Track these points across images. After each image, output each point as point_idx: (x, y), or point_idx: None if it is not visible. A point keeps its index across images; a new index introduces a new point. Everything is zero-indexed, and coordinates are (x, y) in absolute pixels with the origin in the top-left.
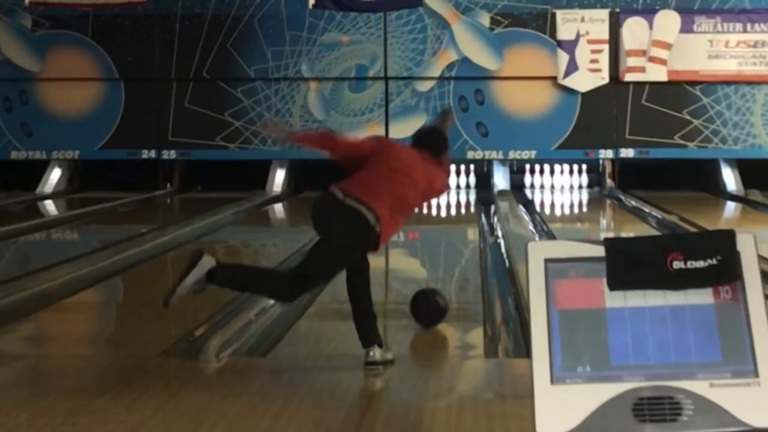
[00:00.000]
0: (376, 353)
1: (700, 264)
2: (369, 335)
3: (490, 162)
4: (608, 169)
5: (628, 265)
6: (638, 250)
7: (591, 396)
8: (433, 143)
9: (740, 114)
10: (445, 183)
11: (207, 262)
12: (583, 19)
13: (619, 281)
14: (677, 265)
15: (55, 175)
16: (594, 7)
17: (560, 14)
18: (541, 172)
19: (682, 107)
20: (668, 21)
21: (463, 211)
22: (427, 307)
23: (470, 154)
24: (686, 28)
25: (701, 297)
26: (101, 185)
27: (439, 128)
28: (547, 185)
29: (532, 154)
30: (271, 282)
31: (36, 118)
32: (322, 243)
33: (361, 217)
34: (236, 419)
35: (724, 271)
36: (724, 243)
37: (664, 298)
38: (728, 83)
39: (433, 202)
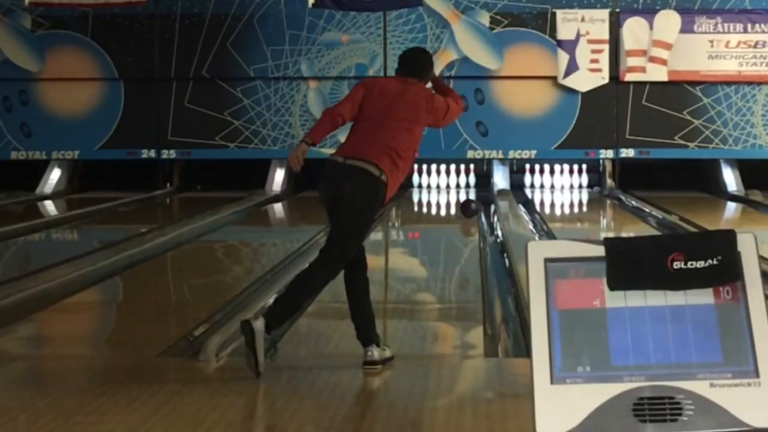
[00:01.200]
0: (375, 352)
1: (701, 264)
2: (368, 334)
3: (489, 161)
4: (608, 169)
5: (629, 265)
6: (638, 251)
7: (591, 396)
8: (412, 67)
9: (741, 114)
10: (442, 102)
11: (259, 326)
12: (583, 19)
13: (619, 281)
14: (677, 265)
15: (54, 175)
16: (594, 6)
17: (560, 14)
18: (541, 171)
19: (683, 107)
20: (668, 21)
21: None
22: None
23: (470, 154)
24: (686, 29)
25: (701, 297)
26: (101, 185)
27: (417, 48)
28: (547, 185)
29: (532, 153)
30: (310, 278)
31: (36, 118)
32: (340, 213)
33: (365, 171)
34: (236, 419)
35: (725, 272)
36: (724, 243)
37: (664, 298)
38: (729, 83)
39: (433, 201)
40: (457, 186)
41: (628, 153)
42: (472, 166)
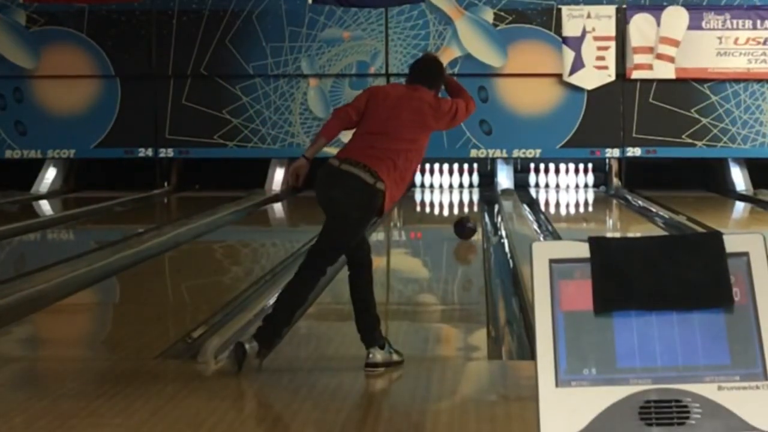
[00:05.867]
0: (377, 355)
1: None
2: (370, 336)
3: (493, 160)
4: (615, 168)
5: (617, 285)
6: (626, 269)
7: (597, 399)
8: (422, 74)
9: (749, 112)
10: (448, 106)
11: (252, 349)
12: (589, 15)
13: (606, 302)
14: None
15: (50, 174)
16: (600, 2)
17: (566, 10)
18: (546, 171)
19: (690, 105)
20: (676, 17)
21: (466, 210)
22: (463, 230)
23: (474, 153)
24: (694, 25)
25: None
26: (97, 184)
27: (428, 56)
28: (552, 184)
29: (537, 152)
30: (300, 284)
31: (31, 117)
32: (331, 218)
33: (358, 177)
34: (235, 422)
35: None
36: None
37: None
38: (737, 81)
39: (436, 201)
40: (461, 186)
41: (634, 152)
42: (475, 165)
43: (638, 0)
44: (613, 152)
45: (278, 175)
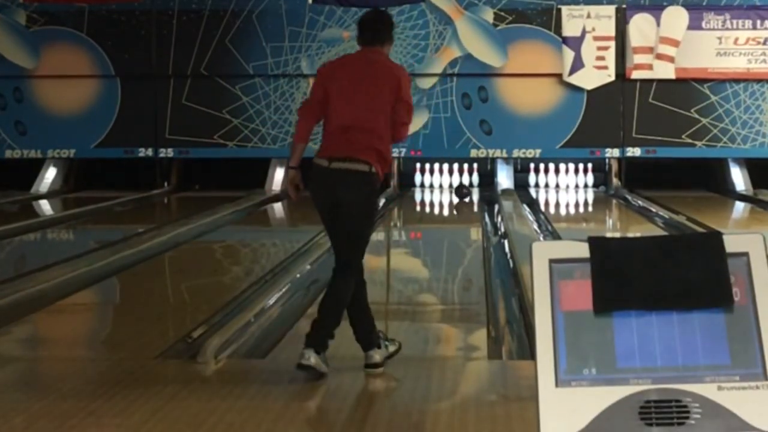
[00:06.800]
0: (376, 355)
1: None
2: (368, 339)
3: (493, 160)
4: (614, 168)
5: (617, 285)
6: (626, 269)
7: (596, 399)
8: (377, 31)
9: (749, 112)
10: (409, 112)
11: (314, 360)
12: (589, 15)
13: (606, 302)
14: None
15: (50, 174)
16: (600, 2)
17: (566, 10)
18: (546, 171)
19: (690, 105)
20: (676, 17)
21: (466, 210)
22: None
23: (474, 153)
24: (694, 25)
25: None
26: (97, 184)
27: (373, 12)
28: (552, 184)
29: (537, 152)
30: (339, 293)
31: (31, 117)
32: (343, 218)
33: (355, 172)
34: (235, 422)
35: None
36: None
37: None
38: (737, 81)
39: (436, 201)
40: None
41: (634, 152)
42: (475, 165)
43: (638, 0)
44: (613, 152)
45: (278, 175)
